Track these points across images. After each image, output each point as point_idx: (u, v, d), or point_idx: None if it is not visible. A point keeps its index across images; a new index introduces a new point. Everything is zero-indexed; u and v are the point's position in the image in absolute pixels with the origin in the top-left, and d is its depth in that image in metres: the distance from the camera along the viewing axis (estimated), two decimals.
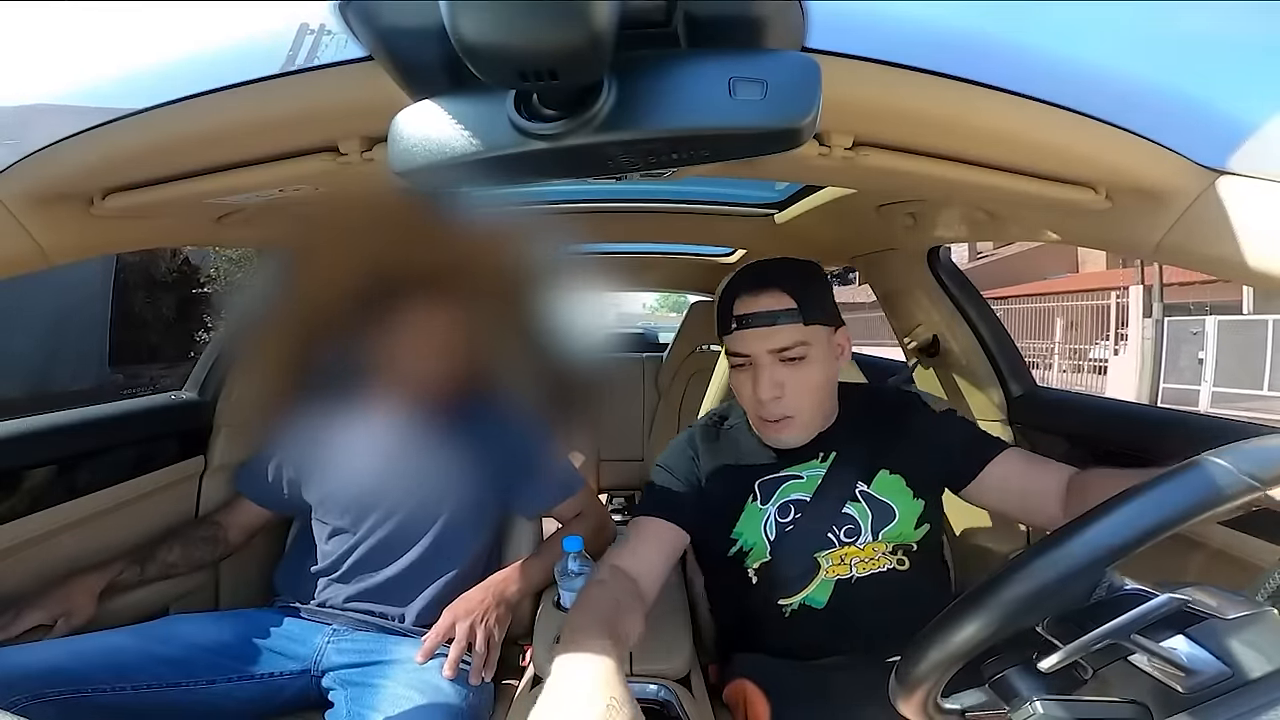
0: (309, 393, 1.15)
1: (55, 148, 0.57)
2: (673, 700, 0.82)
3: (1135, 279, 8.47)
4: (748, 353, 0.85)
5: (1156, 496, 0.43)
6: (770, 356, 0.84)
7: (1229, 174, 0.58)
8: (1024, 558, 0.45)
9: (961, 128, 0.58)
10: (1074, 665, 0.44)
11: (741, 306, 0.85)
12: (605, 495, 2.36)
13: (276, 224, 0.99)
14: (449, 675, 0.92)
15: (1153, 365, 7.76)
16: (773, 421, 0.88)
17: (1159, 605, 0.41)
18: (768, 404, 0.86)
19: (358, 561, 1.04)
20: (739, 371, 0.89)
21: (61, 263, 0.69)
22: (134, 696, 0.83)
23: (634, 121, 0.35)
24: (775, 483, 0.91)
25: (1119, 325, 8.88)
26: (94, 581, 0.94)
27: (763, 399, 0.85)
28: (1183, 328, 7.98)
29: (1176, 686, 0.40)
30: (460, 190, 1.03)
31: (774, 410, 0.86)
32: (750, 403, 0.89)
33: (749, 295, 0.85)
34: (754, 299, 0.85)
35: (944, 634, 0.46)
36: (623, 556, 0.84)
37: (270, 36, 0.50)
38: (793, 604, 0.87)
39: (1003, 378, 1.26)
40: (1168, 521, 0.42)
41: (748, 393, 0.88)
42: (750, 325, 0.84)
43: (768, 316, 0.84)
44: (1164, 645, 0.41)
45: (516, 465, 1.11)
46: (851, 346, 0.95)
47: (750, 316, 0.84)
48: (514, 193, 1.37)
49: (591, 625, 0.64)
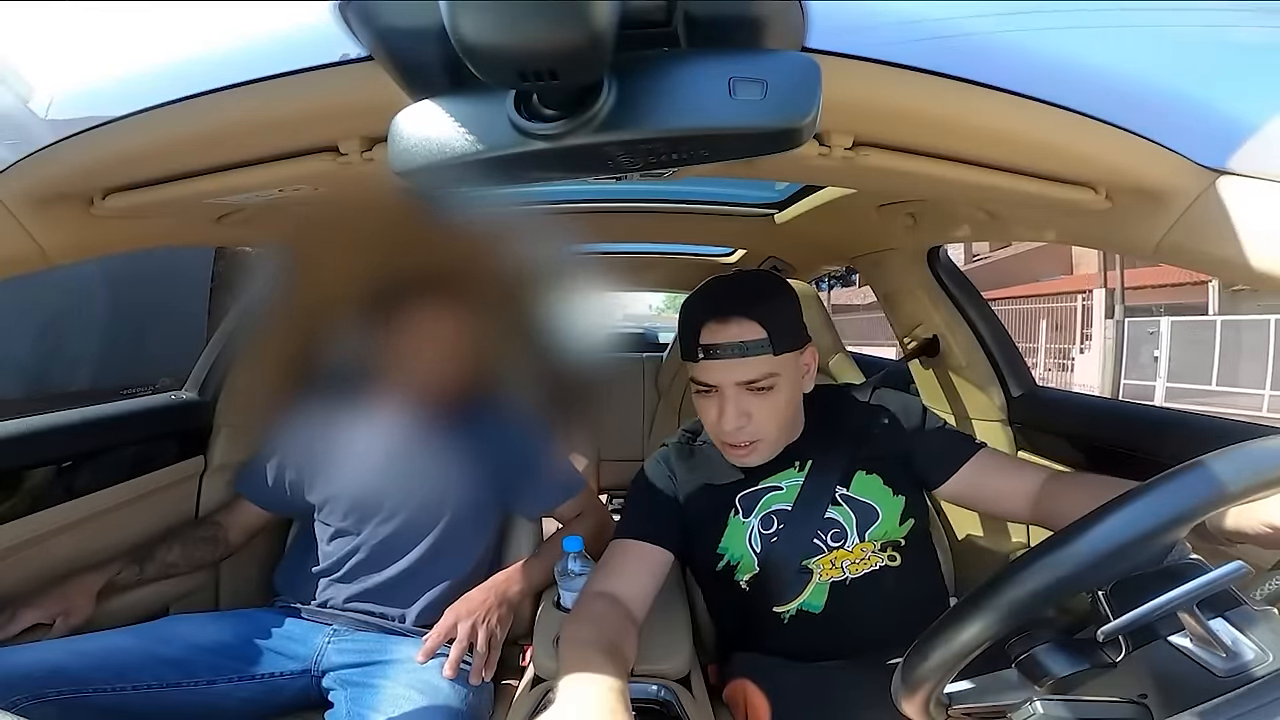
0: (311, 393, 1.15)
1: (55, 148, 0.57)
2: (673, 700, 0.82)
3: (1099, 283, 9.10)
4: (714, 383, 0.82)
5: (1158, 496, 0.43)
6: (737, 388, 0.81)
7: (1229, 174, 0.58)
8: (1028, 557, 0.45)
9: (961, 128, 0.58)
10: (1108, 644, 0.44)
11: (709, 335, 0.81)
12: (605, 495, 2.35)
13: (276, 224, 0.99)
14: (449, 675, 0.92)
15: (1114, 363, 8.34)
16: (738, 447, 0.86)
17: (1228, 573, 0.40)
18: (732, 433, 0.84)
19: (359, 562, 1.04)
20: (703, 398, 0.85)
21: (61, 263, 0.69)
22: (134, 696, 0.83)
23: (634, 121, 0.35)
24: (756, 495, 0.91)
25: (1084, 326, 9.66)
26: (92, 581, 0.94)
27: (727, 429, 0.83)
28: (1141, 328, 8.63)
29: (1215, 669, 0.40)
30: (460, 190, 1.03)
31: (739, 437, 0.84)
32: (714, 429, 0.86)
33: (716, 324, 0.80)
34: (722, 327, 0.80)
35: (946, 635, 0.46)
36: (610, 581, 0.83)
37: (270, 36, 0.50)
38: (790, 610, 0.87)
39: (1003, 378, 1.26)
40: (1171, 521, 0.42)
41: (712, 419, 0.85)
42: (718, 356, 0.80)
43: (737, 348, 0.79)
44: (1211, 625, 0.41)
45: (518, 466, 1.11)
46: (817, 362, 0.91)
47: (718, 347, 0.80)
48: (514, 193, 1.37)
49: (595, 642, 0.63)
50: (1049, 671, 0.45)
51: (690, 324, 0.83)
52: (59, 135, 0.56)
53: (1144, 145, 0.58)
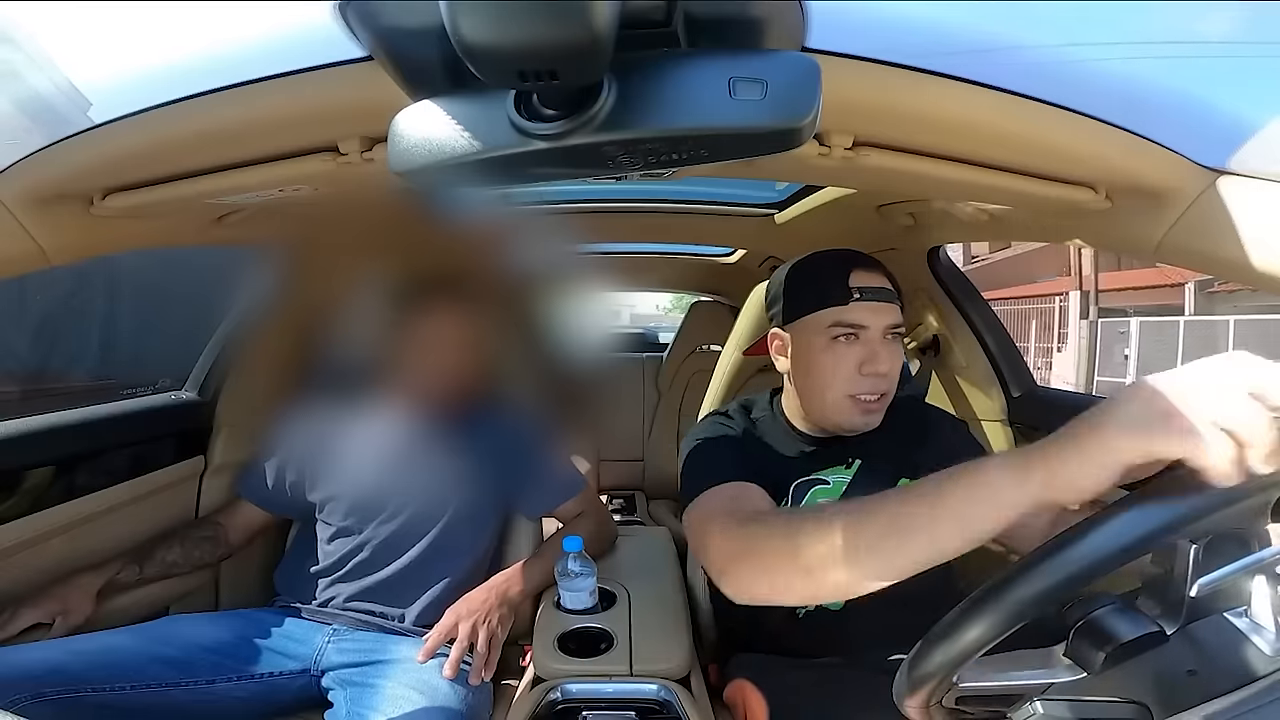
0: (312, 393, 1.15)
1: (55, 148, 0.57)
2: (673, 700, 0.82)
3: (1074, 285, 9.78)
4: (865, 324, 0.81)
5: (1157, 504, 0.43)
6: (882, 332, 0.82)
7: (1229, 174, 0.58)
8: (1030, 559, 0.44)
9: (961, 128, 0.58)
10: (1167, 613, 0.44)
11: (859, 279, 0.82)
12: (605, 496, 2.36)
13: (276, 224, 0.99)
14: (449, 675, 0.91)
15: (1087, 360, 8.94)
16: (869, 400, 0.83)
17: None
18: (873, 380, 0.82)
19: (360, 562, 1.04)
20: (840, 344, 0.82)
21: (61, 263, 0.69)
22: (133, 696, 0.83)
23: (634, 121, 0.35)
24: (806, 486, 0.89)
25: (1060, 325, 10.26)
26: (91, 581, 0.94)
27: (881, 369, 0.82)
28: (1113, 328, 9.11)
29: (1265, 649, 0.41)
30: (460, 190, 1.03)
31: (877, 386, 0.83)
32: (846, 380, 0.82)
33: (864, 270, 0.83)
34: (869, 274, 0.83)
35: (950, 635, 0.46)
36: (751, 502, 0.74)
37: (270, 36, 0.50)
38: (808, 606, 0.87)
39: (1003, 378, 1.26)
40: (1171, 525, 0.42)
41: (848, 368, 0.82)
42: (870, 299, 0.81)
43: (886, 293, 0.82)
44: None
45: (519, 465, 1.11)
46: None
47: (871, 290, 0.82)
48: (514, 193, 1.37)
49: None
50: (1114, 635, 0.44)
51: (832, 271, 0.84)
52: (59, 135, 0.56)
53: (1144, 145, 0.58)
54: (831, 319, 0.82)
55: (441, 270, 1.12)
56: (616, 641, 0.90)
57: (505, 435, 1.11)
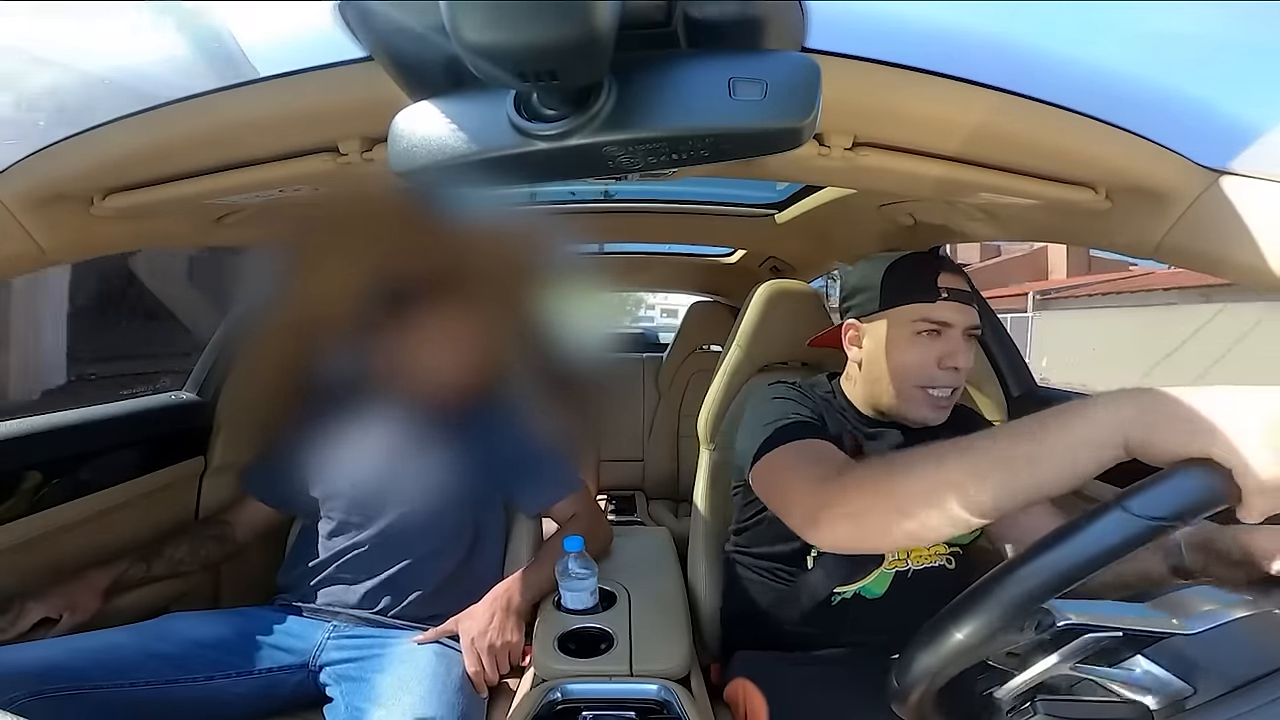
0: (313, 393, 1.16)
1: (55, 148, 0.57)
2: (673, 700, 0.82)
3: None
4: (950, 322, 0.86)
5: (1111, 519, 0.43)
6: (963, 331, 0.87)
7: (1230, 174, 0.58)
8: (1014, 562, 0.44)
9: (961, 128, 0.58)
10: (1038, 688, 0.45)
11: (947, 280, 0.88)
12: (605, 496, 2.35)
13: (276, 224, 0.99)
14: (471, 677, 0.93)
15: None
16: (941, 396, 0.87)
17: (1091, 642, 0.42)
18: (949, 374, 0.86)
19: (361, 558, 1.04)
20: (923, 338, 0.86)
21: (61, 263, 0.69)
22: (133, 693, 0.83)
23: (634, 122, 0.35)
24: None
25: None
26: (99, 578, 0.95)
27: (959, 366, 0.85)
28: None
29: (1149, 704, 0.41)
30: (460, 190, 1.03)
31: (953, 381, 0.87)
32: (924, 372, 0.86)
33: (950, 274, 0.88)
34: (956, 277, 0.88)
35: (936, 637, 0.46)
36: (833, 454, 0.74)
37: (270, 36, 0.50)
38: (846, 593, 0.88)
39: (1003, 378, 1.26)
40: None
41: (929, 360, 0.86)
42: (957, 299, 0.87)
43: (969, 296, 0.88)
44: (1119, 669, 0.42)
45: (518, 461, 1.11)
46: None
47: (958, 291, 0.87)
48: (514, 193, 1.37)
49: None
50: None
51: (923, 272, 0.89)
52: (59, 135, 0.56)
53: (1144, 145, 0.58)
54: (919, 314, 0.87)
55: (441, 270, 1.12)
56: (616, 641, 0.90)
57: (505, 431, 1.11)
